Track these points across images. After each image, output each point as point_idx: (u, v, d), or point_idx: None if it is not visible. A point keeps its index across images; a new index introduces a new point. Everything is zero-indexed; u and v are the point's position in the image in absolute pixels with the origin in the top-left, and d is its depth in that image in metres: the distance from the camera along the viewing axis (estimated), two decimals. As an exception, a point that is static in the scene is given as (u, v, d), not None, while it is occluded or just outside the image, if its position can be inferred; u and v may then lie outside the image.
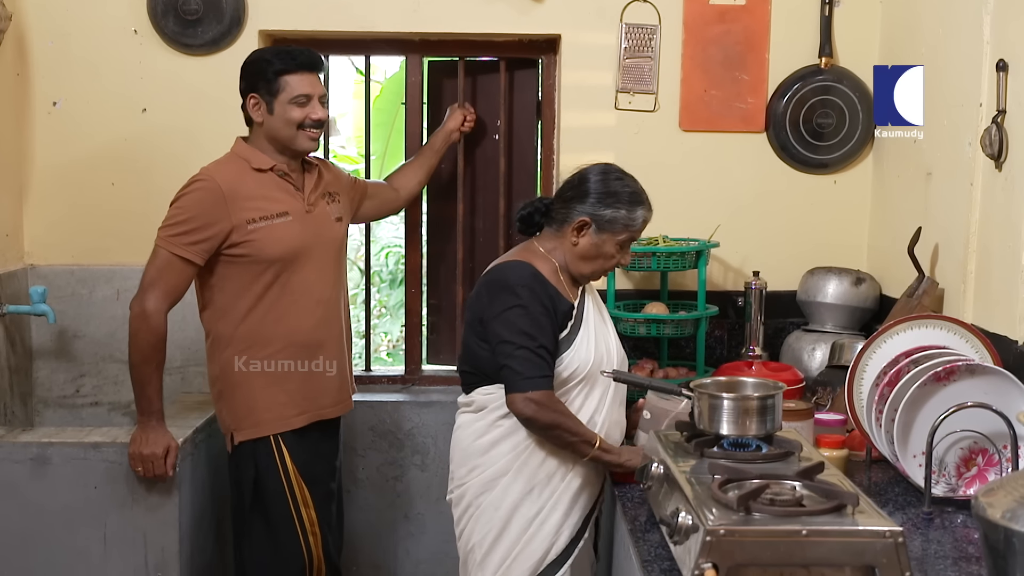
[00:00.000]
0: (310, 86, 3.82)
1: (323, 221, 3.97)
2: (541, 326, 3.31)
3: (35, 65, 4.57)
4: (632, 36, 4.57)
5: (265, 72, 3.79)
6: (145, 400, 3.79)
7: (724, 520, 2.50)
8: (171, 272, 3.73)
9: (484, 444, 3.44)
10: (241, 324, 3.83)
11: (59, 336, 4.66)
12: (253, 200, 3.79)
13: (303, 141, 3.85)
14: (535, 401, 3.25)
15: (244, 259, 3.78)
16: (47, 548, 3.95)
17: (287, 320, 3.85)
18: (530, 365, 3.26)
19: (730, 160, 4.66)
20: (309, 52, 3.86)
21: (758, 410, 3.07)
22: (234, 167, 3.84)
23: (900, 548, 2.44)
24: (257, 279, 3.81)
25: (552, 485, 3.38)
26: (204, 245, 3.73)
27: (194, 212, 3.72)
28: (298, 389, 3.90)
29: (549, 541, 3.38)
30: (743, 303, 4.47)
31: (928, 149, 4.09)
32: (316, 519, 3.92)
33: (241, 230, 3.75)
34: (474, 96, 4.83)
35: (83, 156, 4.63)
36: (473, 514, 3.45)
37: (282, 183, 3.88)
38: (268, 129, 3.84)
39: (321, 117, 3.85)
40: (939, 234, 3.98)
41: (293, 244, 3.83)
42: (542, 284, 3.37)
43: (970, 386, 3.14)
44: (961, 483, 3.17)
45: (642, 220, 3.42)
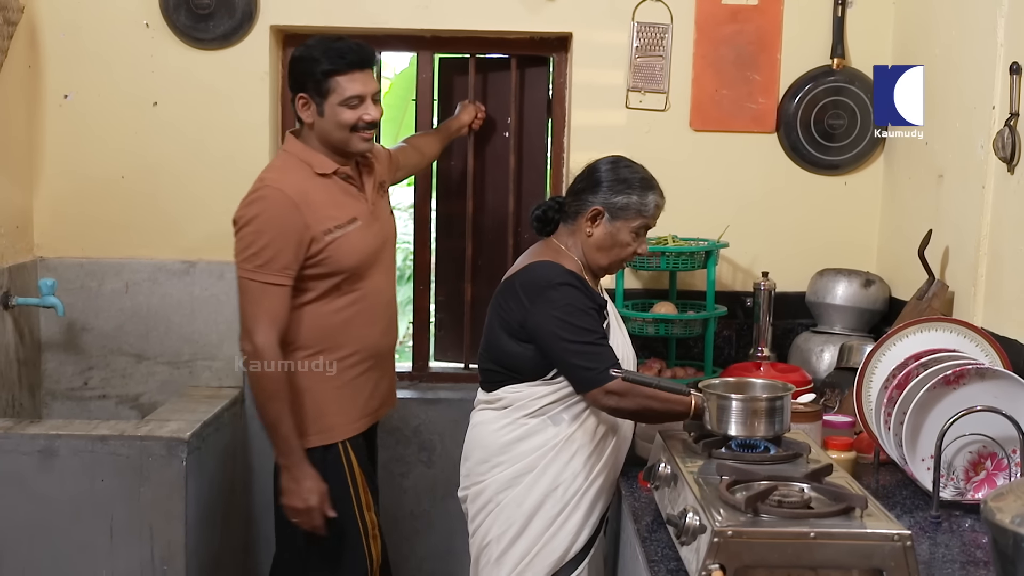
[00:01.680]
0: (362, 85, 3.62)
1: (385, 220, 3.89)
2: (595, 320, 3.30)
3: (46, 58, 4.56)
4: (644, 35, 4.55)
5: (313, 72, 3.60)
6: (281, 441, 3.61)
7: (732, 521, 2.50)
8: (268, 301, 3.54)
9: (508, 441, 3.40)
10: (312, 329, 3.67)
11: (68, 329, 4.65)
12: (324, 208, 3.61)
13: (356, 143, 3.68)
14: (616, 392, 3.19)
15: (320, 269, 3.62)
16: (54, 540, 3.96)
17: (358, 325, 3.74)
18: (597, 358, 3.22)
19: (740, 160, 4.65)
20: (360, 47, 3.65)
21: (767, 411, 3.07)
22: (297, 173, 3.65)
23: (908, 552, 2.44)
24: (331, 285, 3.67)
25: (577, 483, 3.36)
26: (293, 265, 3.55)
27: (273, 233, 3.53)
28: (363, 393, 3.82)
29: (570, 539, 3.36)
30: (752, 304, 4.46)
31: (940, 151, 4.07)
32: (376, 521, 3.85)
33: (319, 241, 3.58)
34: (485, 93, 4.82)
35: (93, 149, 4.61)
36: (492, 510, 3.42)
37: (346, 186, 3.73)
38: (319, 131, 3.67)
39: (374, 118, 3.66)
40: (950, 237, 3.96)
41: (366, 251, 3.71)
42: (582, 282, 3.35)
43: (980, 390, 3.13)
44: (970, 487, 3.17)
45: (654, 205, 3.40)
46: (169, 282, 4.65)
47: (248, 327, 3.56)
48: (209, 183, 4.60)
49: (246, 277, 3.55)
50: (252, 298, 3.55)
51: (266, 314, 3.54)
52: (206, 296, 4.64)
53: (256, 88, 4.58)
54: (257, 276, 3.53)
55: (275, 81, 4.64)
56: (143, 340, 4.68)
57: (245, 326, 3.58)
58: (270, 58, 4.59)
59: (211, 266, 4.62)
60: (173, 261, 4.65)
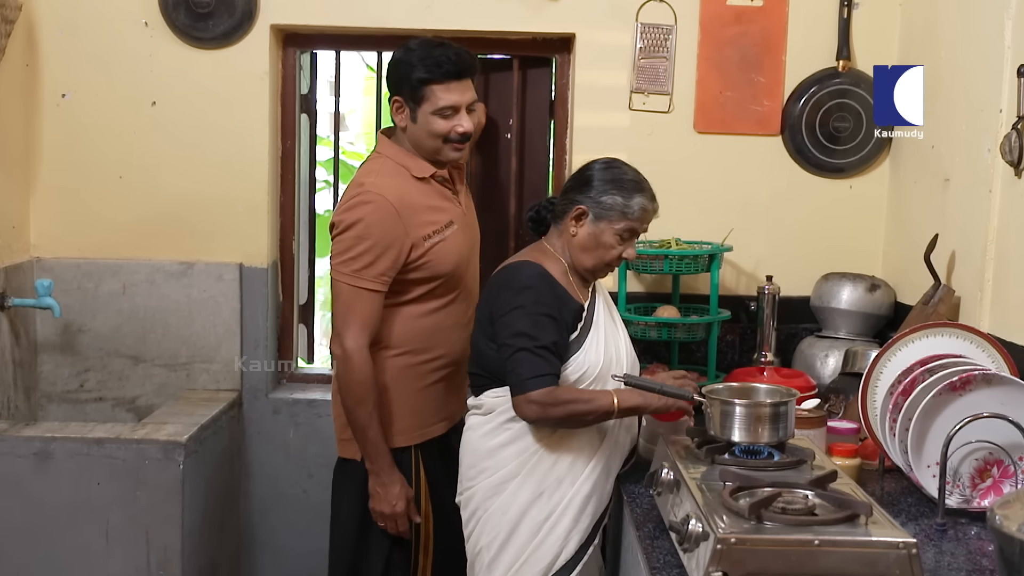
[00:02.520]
0: (458, 96, 3.55)
1: (473, 221, 3.86)
2: (542, 326, 3.23)
3: (44, 56, 4.54)
4: (647, 36, 4.53)
5: (408, 77, 3.54)
6: (370, 446, 3.58)
7: (735, 528, 2.49)
8: (362, 305, 3.52)
9: (493, 447, 3.37)
10: (404, 330, 3.64)
11: (64, 330, 4.64)
12: (423, 213, 3.59)
13: (448, 153, 3.62)
14: (536, 402, 3.16)
15: (419, 274, 3.60)
16: (49, 544, 3.96)
17: (446, 329, 3.71)
18: (528, 366, 3.18)
19: (745, 163, 4.61)
20: (459, 56, 3.56)
21: (771, 417, 3.06)
22: (397, 178, 3.60)
23: (914, 560, 2.43)
24: (428, 290, 3.64)
25: (562, 490, 3.32)
26: (390, 272, 3.53)
27: (373, 239, 3.50)
28: (441, 397, 3.77)
29: (559, 546, 3.32)
30: (756, 308, 4.44)
31: (946, 155, 4.04)
32: (432, 533, 3.78)
33: (419, 247, 3.55)
34: (486, 94, 4.79)
35: (91, 149, 4.60)
36: (481, 517, 3.39)
37: (442, 189, 3.69)
38: (412, 136, 3.62)
39: (467, 130, 3.59)
40: (956, 241, 3.93)
41: (463, 254, 3.69)
42: (550, 284, 3.31)
43: (986, 396, 3.09)
44: (976, 494, 3.12)
45: (640, 208, 3.33)
46: (167, 283, 4.62)
47: (339, 330, 3.56)
48: (208, 184, 4.58)
49: (342, 280, 3.54)
50: (346, 302, 3.54)
51: (359, 318, 3.53)
52: (204, 298, 4.61)
53: (256, 88, 4.56)
54: (353, 281, 3.52)
55: (275, 81, 4.63)
56: (140, 342, 4.65)
57: (336, 329, 3.58)
58: (270, 58, 4.57)
59: (209, 267, 4.60)
60: (171, 262, 4.63)
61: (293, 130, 4.74)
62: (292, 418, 4.69)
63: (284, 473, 4.68)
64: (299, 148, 4.79)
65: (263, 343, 4.66)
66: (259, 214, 4.59)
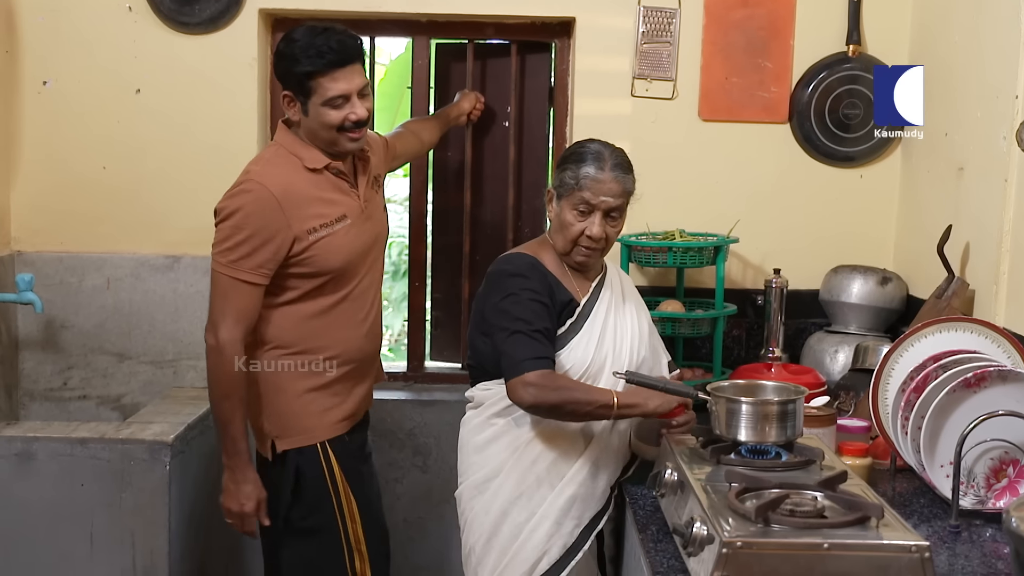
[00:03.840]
0: (346, 84, 3.48)
1: (377, 218, 3.78)
2: (535, 311, 3.23)
3: (24, 42, 4.49)
4: (650, 20, 4.49)
5: (293, 71, 3.49)
6: (229, 440, 3.54)
7: (741, 531, 2.48)
8: (237, 297, 3.48)
9: (479, 442, 3.39)
10: (293, 328, 3.59)
11: (46, 326, 4.60)
12: (311, 205, 3.52)
13: (344, 144, 3.56)
14: (533, 384, 3.11)
15: (303, 269, 3.53)
16: (31, 548, 3.94)
17: (341, 327, 3.64)
18: (523, 347, 3.16)
19: (751, 151, 4.57)
20: (342, 42, 3.48)
21: (778, 415, 3.05)
22: (285, 167, 3.54)
23: (926, 563, 2.42)
24: (315, 286, 3.57)
25: (542, 492, 3.30)
26: (269, 264, 3.46)
27: (250, 230, 3.44)
28: (343, 394, 3.70)
29: (540, 550, 3.29)
30: (763, 302, 4.42)
31: (960, 143, 4.01)
32: (363, 536, 3.72)
33: (302, 240, 3.48)
34: (484, 81, 4.78)
35: (74, 138, 4.54)
36: (467, 516, 3.42)
37: (338, 182, 3.62)
38: (306, 129, 3.56)
39: (361, 116, 3.52)
40: (970, 232, 3.90)
41: (354, 251, 3.61)
42: (540, 274, 3.32)
43: (1002, 393, 3.06)
44: (990, 495, 3.10)
45: (587, 177, 3.27)
46: (152, 278, 4.59)
47: (213, 320, 3.53)
48: (195, 173, 4.54)
49: (218, 270, 3.51)
50: (221, 292, 3.51)
51: (233, 310, 3.49)
52: (191, 293, 4.58)
53: (244, 74, 4.52)
54: (229, 271, 3.47)
55: (264, 67, 4.58)
56: (125, 338, 4.62)
57: (210, 319, 3.55)
58: (258, 43, 4.53)
59: (196, 261, 4.56)
60: (157, 256, 4.58)
61: (283, 118, 4.65)
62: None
63: (273, 473, 4.60)
64: (288, 137, 4.69)
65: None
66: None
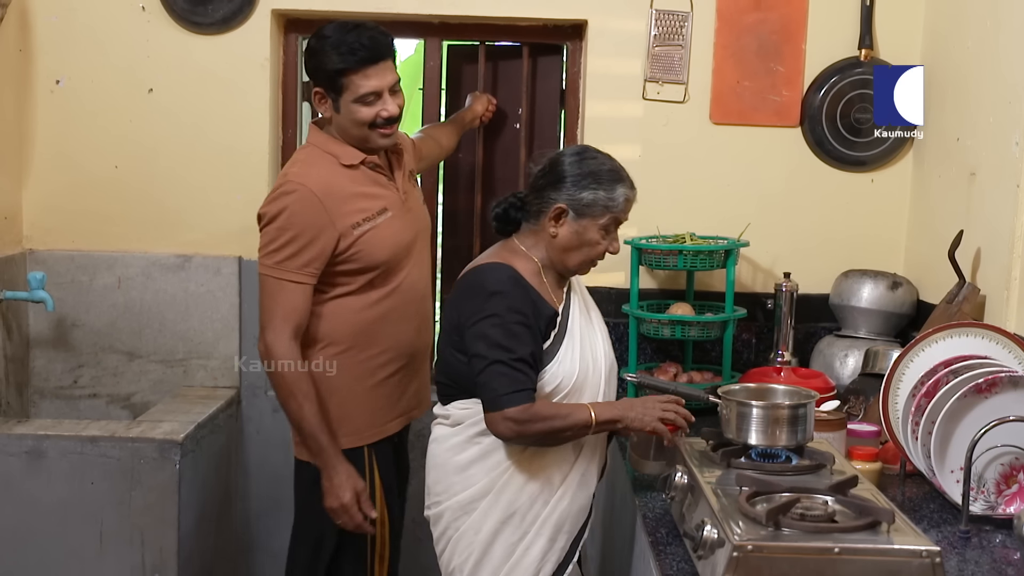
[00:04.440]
0: (378, 81, 3.49)
1: (417, 209, 3.79)
2: (517, 336, 3.09)
3: (38, 41, 4.49)
4: (662, 23, 4.47)
5: (325, 68, 3.50)
6: (307, 439, 3.52)
7: (752, 535, 2.48)
8: (286, 298, 3.47)
9: (462, 462, 3.26)
10: (342, 325, 3.57)
11: (58, 324, 4.59)
12: (352, 201, 3.52)
13: (376, 140, 3.57)
14: (513, 420, 3.03)
15: (351, 265, 3.53)
16: (41, 545, 3.95)
17: (391, 322, 3.62)
18: (505, 380, 3.04)
19: (762, 155, 4.55)
20: (374, 38, 3.50)
21: (789, 419, 3.06)
22: (323, 167, 3.55)
23: (937, 568, 2.41)
24: (364, 282, 3.57)
25: (535, 510, 3.21)
26: (316, 263, 3.47)
27: (296, 230, 3.44)
28: (394, 395, 3.70)
29: (534, 568, 3.22)
30: (773, 306, 4.37)
31: (972, 147, 3.98)
32: (388, 540, 3.73)
33: (348, 237, 3.49)
34: (495, 83, 4.77)
35: (86, 137, 4.54)
36: (452, 537, 3.28)
37: (375, 176, 3.62)
38: (338, 126, 3.59)
39: (392, 113, 3.54)
40: (982, 238, 3.87)
41: (399, 243, 3.61)
42: (522, 289, 3.17)
43: (1012, 399, 3.05)
44: (1001, 501, 3.09)
45: (623, 199, 3.21)
46: (163, 277, 4.57)
47: (262, 324, 3.52)
48: (206, 174, 4.54)
49: (264, 273, 3.50)
50: (269, 294, 3.50)
51: (281, 312, 3.47)
52: (202, 292, 4.57)
53: (256, 75, 4.51)
54: (275, 273, 3.47)
55: (276, 68, 4.59)
56: (136, 337, 4.60)
57: (260, 323, 3.54)
58: (271, 44, 4.52)
59: (207, 261, 4.56)
60: (168, 255, 4.57)
61: (295, 119, 4.70)
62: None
63: (283, 473, 4.55)
64: (301, 137, 4.73)
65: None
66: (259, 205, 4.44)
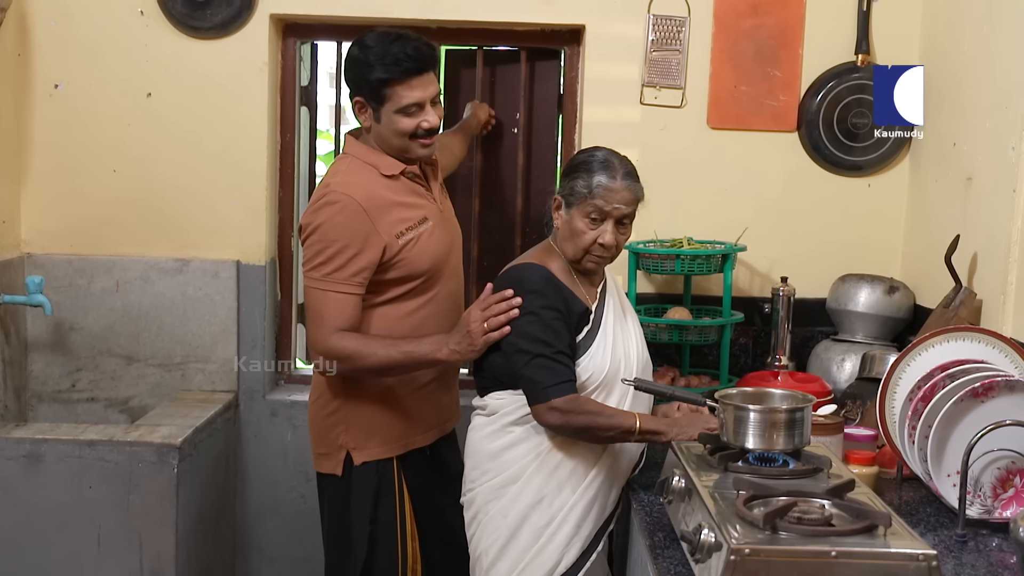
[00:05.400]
0: (421, 92, 3.48)
1: (451, 220, 3.79)
2: (556, 331, 3.25)
3: (37, 46, 4.48)
4: (660, 28, 4.46)
5: (367, 78, 3.48)
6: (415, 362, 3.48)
7: (749, 538, 2.47)
8: (333, 309, 3.44)
9: (495, 449, 3.37)
10: (381, 332, 3.54)
11: (56, 328, 4.59)
12: (394, 211, 3.51)
13: (416, 150, 3.55)
14: (559, 409, 3.18)
15: (394, 273, 3.52)
16: (39, 549, 3.95)
17: (428, 330, 3.57)
18: (548, 372, 3.20)
19: (760, 160, 4.55)
20: (418, 50, 3.48)
21: (786, 423, 3.04)
22: (364, 176, 3.52)
23: (933, 572, 2.40)
24: (403, 291, 3.56)
25: (563, 496, 3.30)
26: (364, 273, 3.44)
27: (343, 241, 3.41)
28: (427, 404, 3.69)
29: (559, 554, 3.29)
30: (770, 310, 4.37)
31: (968, 152, 3.98)
32: (419, 553, 3.70)
33: (393, 246, 3.47)
34: (493, 87, 4.77)
35: (84, 141, 4.54)
36: (482, 520, 3.38)
37: (413, 185, 3.61)
38: (377, 136, 3.56)
39: (433, 124, 3.53)
40: (978, 242, 3.87)
41: (439, 252, 3.61)
42: (555, 287, 3.32)
43: (1009, 403, 3.04)
44: (997, 504, 3.07)
45: (599, 186, 3.27)
46: (161, 281, 4.57)
47: (310, 338, 3.52)
48: (204, 178, 4.54)
49: (313, 286, 3.48)
50: (316, 307, 3.47)
51: (331, 322, 3.44)
52: (200, 296, 4.57)
53: (254, 80, 4.51)
54: (323, 285, 3.45)
55: (274, 72, 4.59)
56: (134, 341, 4.60)
57: (308, 337, 3.54)
58: (269, 48, 4.52)
59: (205, 264, 4.56)
60: (166, 259, 4.57)
61: (293, 123, 4.70)
62: (290, 420, 4.63)
63: (281, 477, 4.64)
64: (299, 142, 4.75)
65: (260, 343, 4.61)
66: (257, 210, 4.55)
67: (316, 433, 3.67)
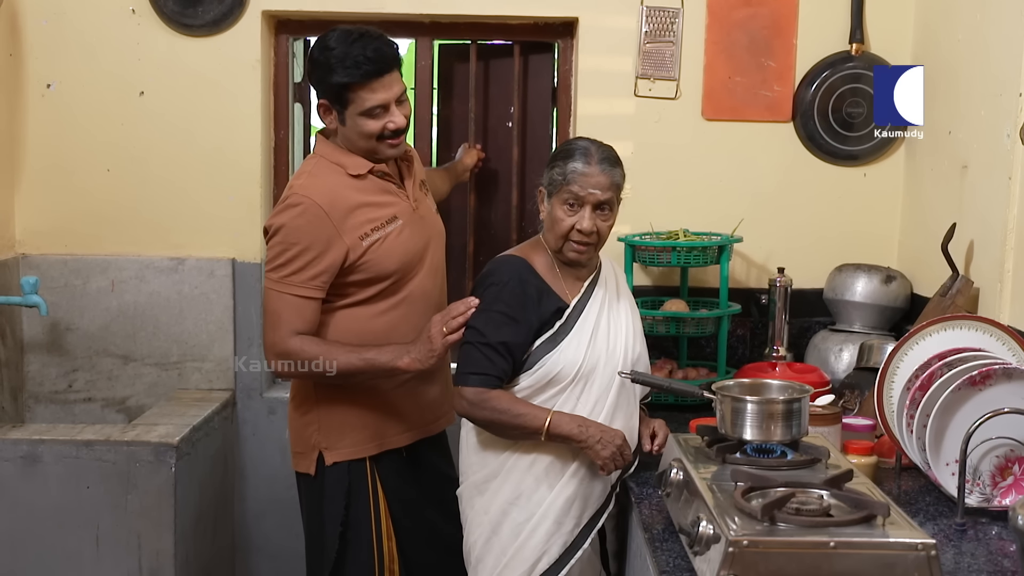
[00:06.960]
0: (384, 94, 3.41)
1: (429, 217, 3.70)
2: (496, 324, 3.24)
3: (28, 45, 4.48)
4: (653, 20, 4.46)
5: (329, 81, 3.40)
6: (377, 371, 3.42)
7: (747, 530, 2.46)
8: (289, 312, 3.39)
9: (477, 444, 3.39)
10: (351, 334, 3.48)
11: (51, 329, 4.58)
12: (360, 211, 3.44)
13: (384, 151, 3.49)
14: (467, 400, 3.23)
15: (360, 275, 3.45)
16: (37, 550, 3.95)
17: (401, 332, 3.50)
18: (470, 361, 3.24)
19: (755, 151, 4.55)
20: (379, 50, 3.40)
21: (783, 414, 3.02)
22: (329, 178, 3.47)
23: (933, 561, 2.40)
24: (372, 292, 3.50)
25: (540, 493, 3.28)
26: (323, 276, 3.39)
27: (302, 244, 3.36)
28: (404, 405, 3.62)
29: (539, 550, 3.28)
30: (767, 301, 4.37)
31: (964, 141, 3.98)
32: (396, 554, 3.65)
33: (356, 249, 3.41)
34: (487, 81, 4.77)
35: (78, 141, 4.53)
36: (468, 515, 3.42)
37: (383, 183, 3.53)
38: (344, 138, 3.50)
39: (400, 124, 3.46)
40: (974, 230, 3.87)
41: (409, 252, 3.52)
42: (522, 282, 3.31)
43: (1007, 391, 3.04)
44: (996, 493, 3.07)
45: (574, 172, 3.25)
46: (157, 280, 4.57)
47: (267, 340, 3.47)
48: (199, 176, 4.54)
49: (270, 287, 3.44)
50: (272, 309, 3.44)
51: (287, 325, 3.40)
52: (196, 294, 4.57)
53: (247, 76, 4.51)
54: (279, 287, 3.41)
55: (267, 69, 4.58)
56: (130, 340, 4.60)
57: (265, 339, 3.49)
58: (262, 45, 4.52)
59: (200, 263, 4.56)
60: (161, 258, 4.57)
61: (286, 120, 4.69)
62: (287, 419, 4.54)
63: (279, 475, 4.60)
64: (293, 138, 4.74)
65: (257, 341, 4.59)
66: (252, 207, 4.55)
67: (292, 431, 3.65)
